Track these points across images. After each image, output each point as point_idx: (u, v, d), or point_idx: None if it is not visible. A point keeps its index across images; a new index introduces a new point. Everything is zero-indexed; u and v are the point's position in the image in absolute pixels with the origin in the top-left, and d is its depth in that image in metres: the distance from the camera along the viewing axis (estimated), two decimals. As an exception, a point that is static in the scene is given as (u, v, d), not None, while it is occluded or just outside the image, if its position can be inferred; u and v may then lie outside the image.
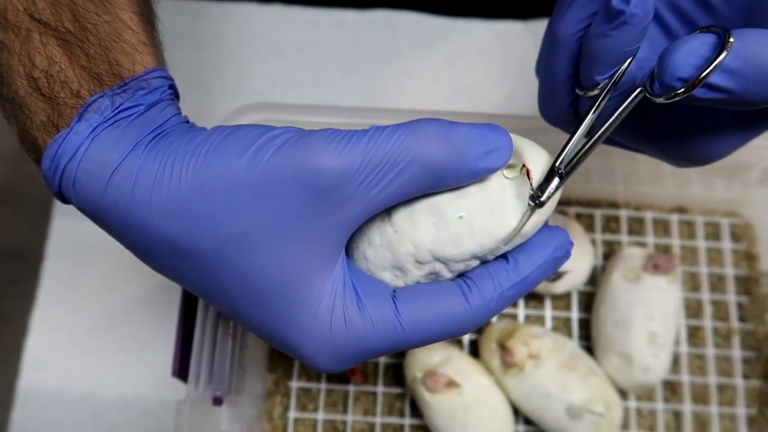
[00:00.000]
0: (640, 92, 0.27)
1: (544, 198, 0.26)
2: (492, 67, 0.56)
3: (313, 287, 0.25)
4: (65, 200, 0.27)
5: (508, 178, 0.26)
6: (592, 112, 0.27)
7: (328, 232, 0.25)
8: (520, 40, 0.57)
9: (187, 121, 0.28)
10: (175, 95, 0.28)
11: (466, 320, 0.26)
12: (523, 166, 0.26)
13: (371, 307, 0.26)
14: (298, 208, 0.24)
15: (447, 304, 0.26)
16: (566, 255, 0.27)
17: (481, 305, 0.26)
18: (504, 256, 0.27)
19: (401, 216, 0.26)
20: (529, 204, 0.26)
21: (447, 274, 0.27)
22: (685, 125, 0.29)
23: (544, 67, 0.29)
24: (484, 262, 0.27)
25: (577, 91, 0.28)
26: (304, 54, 0.57)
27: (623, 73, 0.27)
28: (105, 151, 0.25)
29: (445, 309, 0.26)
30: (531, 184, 0.26)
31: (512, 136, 0.27)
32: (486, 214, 0.26)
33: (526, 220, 0.26)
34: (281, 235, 0.24)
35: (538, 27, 0.57)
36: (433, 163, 0.24)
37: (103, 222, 0.26)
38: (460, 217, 0.26)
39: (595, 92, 0.27)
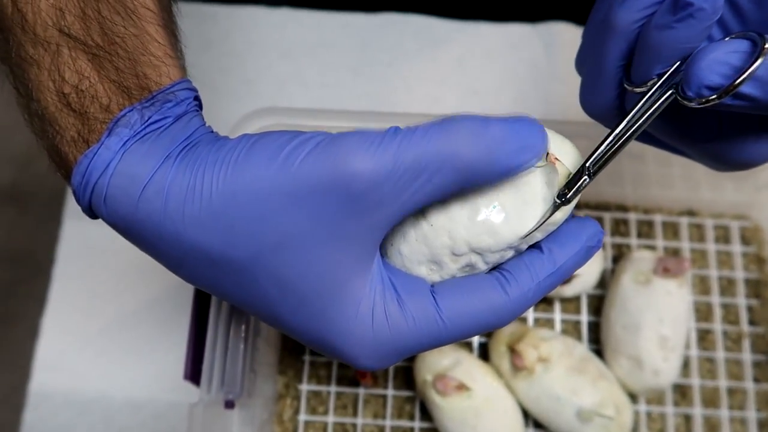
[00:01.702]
0: (671, 95, 0.26)
1: (570, 194, 0.26)
2: (501, 70, 0.57)
3: (352, 288, 0.25)
4: (94, 215, 0.27)
5: (537, 166, 0.26)
6: (637, 108, 0.27)
7: (362, 234, 0.25)
8: (529, 43, 0.57)
9: (212, 131, 0.28)
10: (200, 105, 0.28)
11: (505, 312, 0.26)
12: (548, 154, 0.27)
13: (411, 303, 0.26)
14: (331, 212, 0.24)
15: (486, 296, 0.26)
16: (598, 244, 0.27)
17: (520, 296, 0.26)
18: (538, 247, 0.27)
19: (435, 209, 0.27)
20: (555, 201, 0.26)
21: (482, 266, 0.27)
22: (731, 127, 0.29)
23: (592, 57, 0.28)
24: (518, 252, 0.27)
25: (625, 85, 0.28)
26: (312, 57, 0.57)
27: (676, 73, 0.26)
28: (135, 166, 0.25)
29: (485, 301, 0.26)
30: (558, 174, 0.26)
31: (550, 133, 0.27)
32: (519, 202, 0.26)
33: (553, 212, 0.26)
34: (317, 240, 0.24)
35: (547, 30, 0.57)
36: (465, 165, 0.24)
37: (135, 236, 0.26)
38: (494, 206, 0.26)
39: (644, 89, 0.27)
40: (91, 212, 0.27)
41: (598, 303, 0.47)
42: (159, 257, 0.27)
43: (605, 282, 0.47)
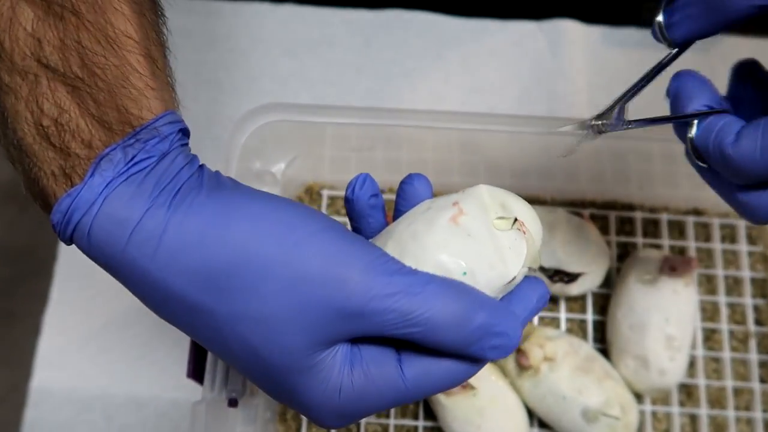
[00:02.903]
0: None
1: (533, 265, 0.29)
2: (505, 67, 0.56)
3: (321, 368, 0.26)
4: (68, 243, 0.27)
5: (499, 229, 0.28)
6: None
7: (335, 336, 0.26)
8: (533, 41, 0.57)
9: (197, 168, 0.27)
10: (185, 134, 0.28)
11: (463, 377, 0.28)
12: (516, 220, 0.28)
13: (378, 374, 0.27)
14: (319, 312, 0.25)
15: (445, 366, 0.27)
16: (545, 304, 0.29)
17: (473, 366, 0.27)
18: None
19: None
20: (522, 268, 0.28)
21: None
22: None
23: None
24: None
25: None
26: (316, 54, 0.56)
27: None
28: (122, 209, 0.25)
29: (445, 370, 0.27)
30: (526, 244, 0.28)
31: (497, 189, 0.29)
32: (486, 268, 0.27)
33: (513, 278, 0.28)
34: (297, 326, 0.25)
35: (552, 27, 0.57)
36: (442, 340, 0.26)
37: (117, 274, 0.26)
38: (464, 273, 0.27)
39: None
40: (70, 242, 0.27)
41: (603, 302, 0.47)
42: (139, 296, 0.27)
43: (611, 281, 0.47)
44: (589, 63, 0.56)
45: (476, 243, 0.27)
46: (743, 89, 0.31)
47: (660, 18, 0.30)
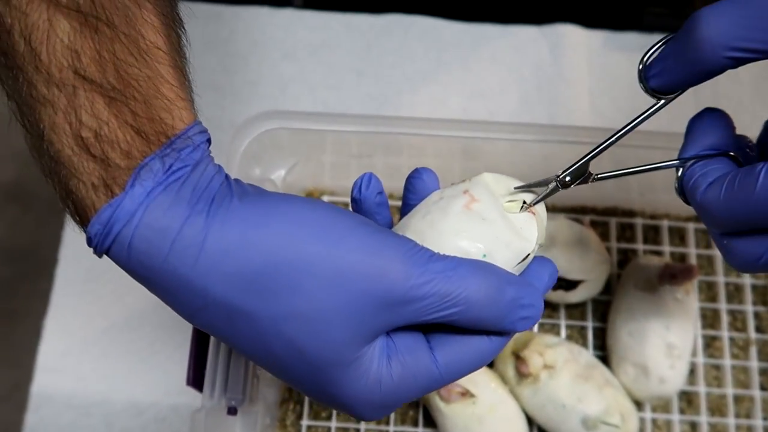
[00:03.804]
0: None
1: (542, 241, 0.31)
2: (506, 72, 0.56)
3: (362, 361, 0.27)
4: (101, 255, 0.27)
5: (511, 212, 0.30)
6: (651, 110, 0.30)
7: (380, 327, 0.27)
8: (535, 45, 0.57)
9: (226, 176, 0.28)
10: (209, 143, 0.28)
11: (490, 354, 0.29)
12: (524, 202, 0.30)
13: (413, 363, 0.28)
14: (361, 305, 0.26)
15: (474, 344, 0.28)
16: (555, 280, 0.31)
17: (502, 338, 0.29)
18: None
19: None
20: (535, 246, 0.30)
21: None
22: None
23: None
24: None
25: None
26: (316, 58, 0.56)
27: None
28: (162, 219, 0.25)
29: (473, 349, 0.28)
30: (536, 224, 0.30)
31: (499, 175, 0.31)
32: (503, 248, 0.29)
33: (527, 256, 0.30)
34: (340, 320, 0.26)
35: (553, 32, 0.57)
36: (478, 316, 0.27)
37: (155, 283, 0.26)
38: (484, 255, 0.28)
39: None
40: (101, 254, 0.27)
41: (604, 308, 0.46)
42: (174, 304, 0.27)
43: (611, 287, 0.47)
44: (590, 68, 0.56)
45: (491, 226, 0.29)
46: None
47: (640, 67, 0.30)
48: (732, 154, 0.30)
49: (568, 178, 0.31)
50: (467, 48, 0.57)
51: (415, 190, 0.31)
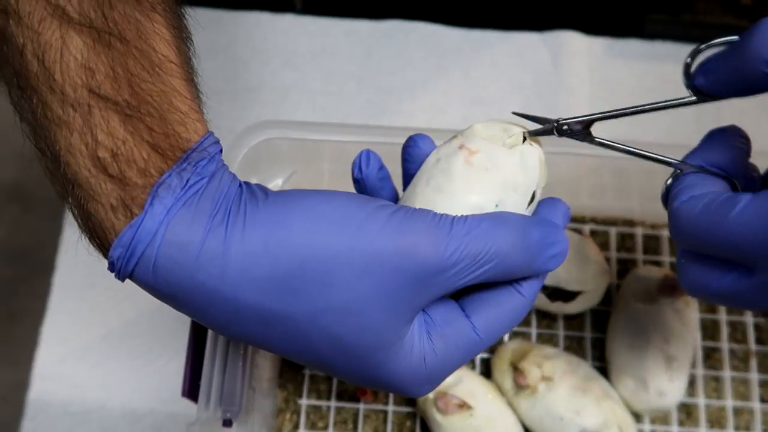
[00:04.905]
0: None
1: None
2: (507, 78, 0.56)
3: (403, 342, 0.27)
4: (124, 279, 0.26)
5: (513, 146, 0.29)
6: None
7: (417, 304, 0.27)
8: (535, 52, 0.57)
9: (240, 184, 0.28)
10: (221, 152, 0.28)
11: (525, 308, 0.29)
12: (524, 133, 0.30)
13: (452, 332, 0.28)
14: (395, 287, 0.26)
15: (509, 304, 0.29)
16: (569, 217, 0.31)
17: (532, 290, 0.29)
18: None
19: (442, 208, 0.29)
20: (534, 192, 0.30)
21: None
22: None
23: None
24: None
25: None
26: (316, 64, 0.56)
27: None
28: (184, 234, 0.25)
29: (510, 309, 0.29)
30: (538, 156, 0.30)
31: (490, 121, 0.30)
32: (511, 192, 0.29)
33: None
34: (376, 307, 0.26)
35: (554, 38, 0.57)
36: (510, 267, 0.28)
37: (183, 301, 0.26)
38: (496, 205, 0.29)
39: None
40: (122, 276, 0.26)
41: (603, 319, 0.46)
42: (205, 319, 0.27)
43: (611, 298, 0.46)
44: (591, 75, 0.56)
45: (495, 174, 0.29)
46: None
47: (688, 60, 0.29)
48: (732, 179, 0.30)
49: (565, 126, 0.30)
50: (467, 54, 0.57)
51: (413, 159, 0.31)
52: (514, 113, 0.31)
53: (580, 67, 0.56)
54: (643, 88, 0.56)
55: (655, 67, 0.56)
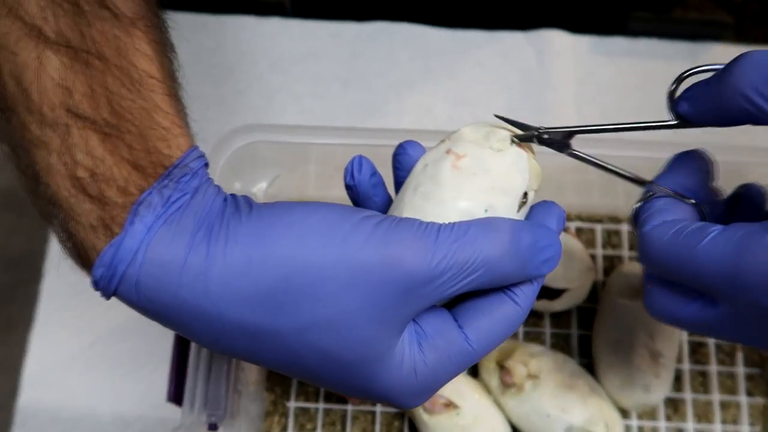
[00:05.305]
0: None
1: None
2: (493, 78, 0.56)
3: (394, 352, 0.27)
4: (109, 297, 0.26)
5: (500, 150, 0.29)
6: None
7: (405, 316, 0.26)
8: (520, 51, 0.57)
9: (226, 197, 0.27)
10: (206, 166, 0.28)
11: (519, 318, 0.28)
12: (512, 137, 0.29)
13: (445, 344, 0.27)
14: (382, 298, 0.25)
15: (502, 312, 0.28)
16: (564, 221, 0.30)
17: (527, 302, 0.28)
18: None
19: (432, 215, 0.28)
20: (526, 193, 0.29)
21: None
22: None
23: None
24: None
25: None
26: (302, 67, 0.56)
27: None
28: (166, 252, 0.25)
29: (504, 317, 0.28)
30: (529, 162, 0.29)
31: (477, 124, 0.30)
32: (501, 196, 0.28)
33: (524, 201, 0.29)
34: (364, 319, 0.26)
35: (539, 37, 0.57)
36: (502, 272, 0.27)
37: (168, 318, 0.26)
38: (486, 210, 0.28)
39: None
40: (108, 295, 0.26)
41: (589, 316, 0.46)
42: (192, 335, 0.27)
43: (596, 295, 0.46)
44: (577, 73, 0.56)
45: (483, 178, 0.28)
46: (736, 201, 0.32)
47: (672, 88, 0.29)
48: (700, 204, 0.30)
49: (546, 136, 0.30)
50: (453, 54, 0.57)
51: (403, 166, 0.30)
52: (497, 116, 0.30)
53: (565, 65, 0.56)
54: (628, 86, 0.56)
55: (639, 64, 0.56)
